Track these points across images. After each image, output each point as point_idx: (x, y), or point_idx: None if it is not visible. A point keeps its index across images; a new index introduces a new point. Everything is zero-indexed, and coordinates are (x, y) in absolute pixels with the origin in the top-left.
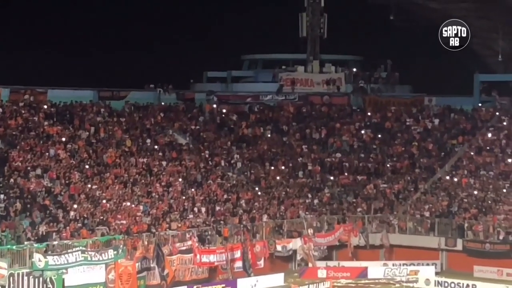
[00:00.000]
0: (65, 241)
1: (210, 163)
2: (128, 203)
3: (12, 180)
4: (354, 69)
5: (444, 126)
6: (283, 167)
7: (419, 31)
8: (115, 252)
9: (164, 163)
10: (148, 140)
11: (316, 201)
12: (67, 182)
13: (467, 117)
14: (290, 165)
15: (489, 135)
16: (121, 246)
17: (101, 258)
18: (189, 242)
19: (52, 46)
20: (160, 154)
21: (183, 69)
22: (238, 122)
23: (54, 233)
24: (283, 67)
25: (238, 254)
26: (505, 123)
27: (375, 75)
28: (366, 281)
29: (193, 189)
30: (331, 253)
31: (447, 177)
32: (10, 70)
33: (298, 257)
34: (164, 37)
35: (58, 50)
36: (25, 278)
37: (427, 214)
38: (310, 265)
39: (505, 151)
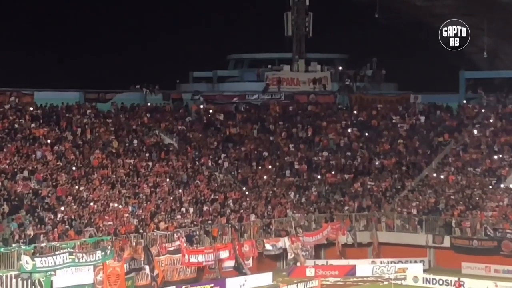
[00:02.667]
0: (53, 243)
1: (197, 163)
2: (116, 204)
3: None
4: (340, 68)
5: (430, 123)
6: (270, 167)
7: (404, 29)
8: (103, 253)
9: (151, 163)
10: (135, 141)
11: (303, 200)
12: (54, 184)
13: (453, 114)
14: (277, 164)
15: (475, 132)
16: (109, 247)
17: (89, 260)
18: (177, 243)
19: (37, 48)
20: (147, 154)
21: (169, 70)
22: (224, 122)
23: (42, 235)
24: (269, 66)
25: (226, 253)
26: (491, 120)
27: (360, 73)
28: (355, 279)
29: (180, 190)
30: (319, 251)
31: (434, 174)
32: None
33: (290, 256)
34: (149, 37)
35: (43, 52)
36: (13, 280)
37: (414, 211)
38: (298, 264)
39: (491, 148)
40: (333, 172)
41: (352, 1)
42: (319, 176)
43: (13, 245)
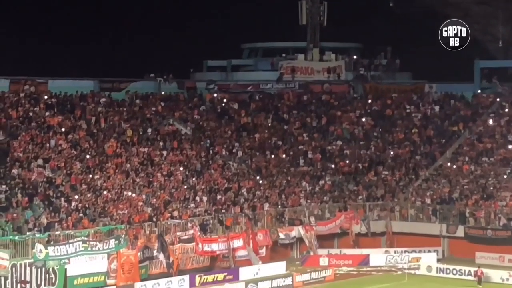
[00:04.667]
0: (67, 231)
1: (211, 152)
2: (130, 193)
3: (14, 171)
4: (355, 57)
5: (445, 113)
6: (284, 156)
7: (419, 18)
8: (117, 241)
9: (165, 152)
10: (149, 130)
11: (317, 189)
12: (68, 172)
13: (468, 103)
14: (291, 153)
15: (490, 121)
16: (123, 235)
17: (102, 248)
18: (191, 231)
19: (51, 36)
20: (161, 143)
21: (183, 58)
22: (238, 111)
23: (56, 224)
24: (283, 55)
25: (240, 242)
26: (506, 110)
27: (375, 62)
28: (368, 269)
29: (194, 178)
30: (332, 241)
31: (448, 164)
32: (10, 61)
33: (307, 243)
34: (164, 26)
35: (57, 40)
36: (28, 268)
37: (428, 201)
38: (311, 253)
39: (506, 137)
40: (347, 162)
41: None
42: (333, 166)
43: (28, 233)
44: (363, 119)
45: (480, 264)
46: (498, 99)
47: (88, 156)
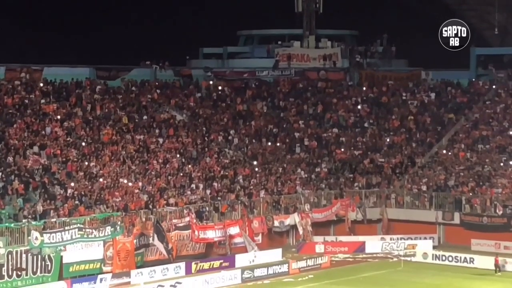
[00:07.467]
0: (63, 219)
1: (206, 139)
2: (125, 180)
3: (9, 158)
4: (350, 44)
5: (441, 100)
6: (279, 143)
7: (415, 5)
8: (113, 229)
9: (161, 140)
10: (145, 117)
11: (313, 176)
12: (64, 159)
13: (464, 91)
14: (287, 140)
15: (486, 108)
16: (119, 223)
17: (98, 235)
18: (187, 219)
19: (47, 23)
20: (157, 131)
21: (179, 46)
22: (234, 98)
23: (52, 211)
24: (279, 42)
25: (236, 230)
26: (502, 97)
27: (371, 49)
28: (364, 256)
29: (190, 166)
30: (328, 228)
31: (444, 151)
32: (5, 48)
33: (301, 231)
34: (159, 13)
35: (53, 27)
36: (23, 255)
37: (424, 188)
38: (307, 241)
39: (502, 124)
40: (342, 149)
41: None
42: (328, 153)
43: (23, 220)
44: (359, 107)
45: (474, 251)
46: (494, 86)
47: (83, 144)
